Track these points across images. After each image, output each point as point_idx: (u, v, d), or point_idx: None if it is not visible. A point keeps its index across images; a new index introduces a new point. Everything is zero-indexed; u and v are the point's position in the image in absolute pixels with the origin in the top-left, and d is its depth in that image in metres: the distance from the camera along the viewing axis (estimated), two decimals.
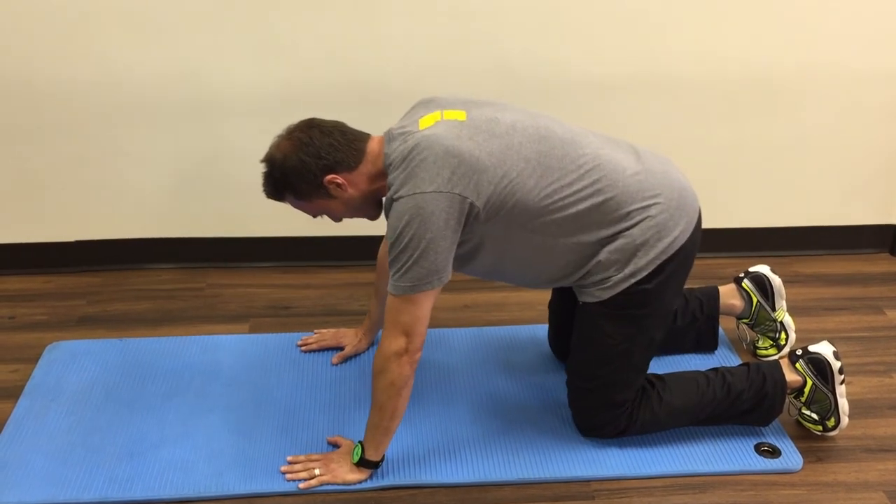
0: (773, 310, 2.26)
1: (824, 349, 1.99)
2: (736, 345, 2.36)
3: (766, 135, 2.63)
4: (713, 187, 2.52)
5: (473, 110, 1.78)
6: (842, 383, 1.97)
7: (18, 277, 2.62)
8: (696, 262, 1.93)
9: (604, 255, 1.80)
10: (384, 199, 1.76)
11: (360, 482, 1.86)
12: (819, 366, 1.98)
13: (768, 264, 2.29)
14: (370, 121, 2.47)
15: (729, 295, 2.27)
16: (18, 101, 2.39)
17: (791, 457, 1.97)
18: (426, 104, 1.85)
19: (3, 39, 2.30)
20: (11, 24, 2.28)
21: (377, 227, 2.62)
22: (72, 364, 2.21)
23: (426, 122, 1.75)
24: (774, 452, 1.98)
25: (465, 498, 1.86)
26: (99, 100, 2.41)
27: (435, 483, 1.89)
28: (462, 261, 1.80)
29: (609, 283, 1.82)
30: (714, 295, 2.26)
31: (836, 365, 1.97)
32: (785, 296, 2.27)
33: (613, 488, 1.90)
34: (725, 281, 2.31)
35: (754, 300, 2.26)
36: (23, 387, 2.13)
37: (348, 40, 2.38)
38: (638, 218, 1.79)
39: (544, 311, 2.35)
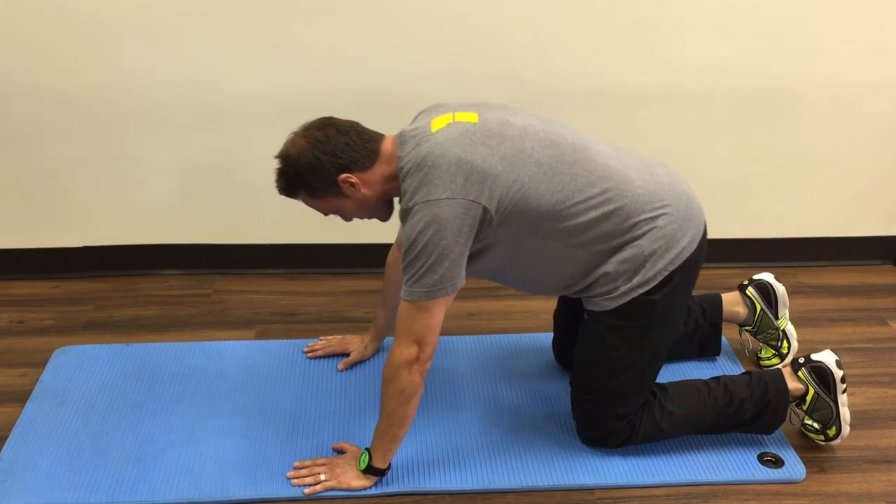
0: (777, 318, 2.27)
1: (827, 358, 1.99)
2: (738, 353, 2.36)
3: (771, 146, 2.64)
4: (718, 198, 2.53)
5: (485, 112, 1.77)
6: (844, 392, 1.97)
7: (27, 282, 2.63)
8: (701, 272, 1.93)
9: (611, 265, 1.80)
10: (399, 207, 1.76)
11: (364, 489, 1.87)
12: (821, 374, 1.98)
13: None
14: (378, 127, 2.48)
15: (732, 302, 2.28)
16: (28, 106, 2.41)
17: (794, 467, 1.97)
18: (436, 108, 1.85)
19: (12, 45, 2.32)
20: (21, 30, 2.30)
21: (382, 234, 2.63)
22: (79, 368, 2.23)
23: (438, 123, 1.75)
24: (777, 462, 1.98)
25: None
26: (108, 106, 2.43)
27: (439, 490, 1.90)
28: (468, 260, 1.78)
29: (616, 293, 1.81)
30: (717, 302, 2.26)
31: (838, 374, 1.97)
32: (788, 304, 2.28)
33: (616, 497, 1.90)
34: (730, 290, 2.32)
35: (758, 308, 2.27)
36: (31, 391, 2.14)
37: (356, 49, 2.39)
38: (646, 228, 1.79)
39: (548, 320, 2.36)
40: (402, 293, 1.72)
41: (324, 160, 1.75)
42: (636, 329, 1.86)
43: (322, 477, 1.87)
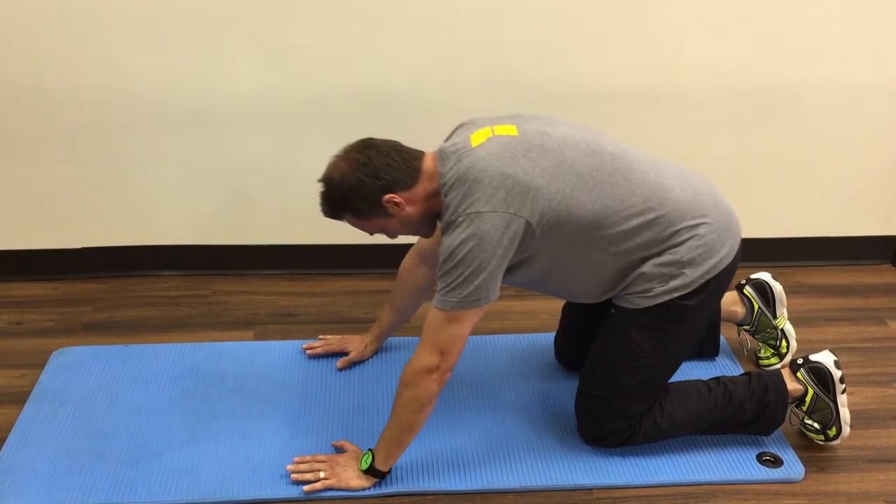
0: (775, 317, 2.27)
1: (825, 358, 2.00)
2: (737, 353, 2.37)
3: (770, 146, 2.64)
4: None
5: (523, 125, 1.78)
6: (843, 392, 1.98)
7: (25, 284, 2.63)
8: None
9: (648, 267, 1.80)
10: (441, 220, 1.77)
11: (363, 489, 1.87)
12: (820, 375, 1.98)
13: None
14: (376, 130, 2.49)
15: (730, 301, 2.29)
16: (26, 107, 2.41)
17: (793, 466, 1.98)
18: (472, 123, 1.85)
19: (11, 46, 2.32)
20: (20, 32, 2.30)
21: (382, 236, 2.63)
22: (78, 370, 2.23)
23: (478, 138, 1.75)
24: (776, 462, 1.99)
25: None
26: (106, 107, 2.43)
27: (438, 490, 1.90)
28: (507, 271, 1.78)
29: (651, 294, 1.82)
30: None
31: (836, 374, 1.97)
32: (786, 303, 2.28)
33: (615, 497, 1.90)
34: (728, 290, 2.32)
35: (755, 307, 2.27)
36: (29, 392, 2.14)
37: (354, 50, 2.40)
38: (686, 236, 1.80)
39: (548, 320, 2.37)
40: (434, 301, 1.72)
41: (367, 182, 1.75)
42: (664, 331, 1.87)
43: (322, 474, 1.87)
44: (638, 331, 1.86)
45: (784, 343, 2.30)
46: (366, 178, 1.75)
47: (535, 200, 1.68)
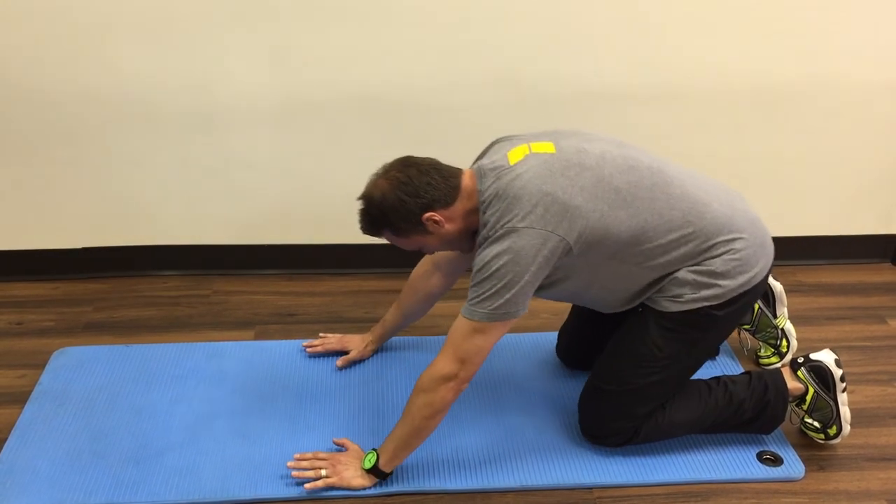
0: (775, 316, 2.28)
1: (826, 357, 2.00)
2: (738, 352, 2.37)
3: (770, 145, 2.64)
4: None
5: (561, 141, 1.79)
6: (843, 391, 1.98)
7: (26, 284, 2.64)
8: None
9: (683, 273, 1.81)
10: (478, 236, 1.78)
11: (364, 489, 1.87)
12: (821, 374, 1.99)
13: (770, 273, 2.30)
14: (376, 130, 2.50)
15: None
16: (27, 107, 2.41)
17: (793, 465, 1.98)
18: (509, 140, 1.87)
19: (13, 47, 2.32)
20: (22, 32, 2.30)
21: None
22: (78, 370, 2.23)
23: (515, 155, 1.76)
24: (776, 461, 1.99)
25: None
26: (107, 107, 2.43)
27: (439, 490, 1.90)
28: (542, 287, 1.79)
29: (682, 299, 1.82)
30: None
31: (837, 373, 1.98)
32: (786, 302, 2.28)
33: (616, 496, 1.91)
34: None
35: (756, 306, 2.27)
36: (30, 392, 2.14)
37: (355, 51, 2.40)
38: (722, 250, 1.81)
39: (549, 320, 2.37)
40: (462, 309, 1.74)
41: (408, 201, 1.76)
42: (687, 336, 1.87)
43: (323, 472, 1.87)
44: (662, 332, 1.87)
45: (784, 342, 2.30)
46: (406, 197, 1.76)
47: (574, 219, 1.69)
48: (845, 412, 1.98)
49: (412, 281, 2.17)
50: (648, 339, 1.87)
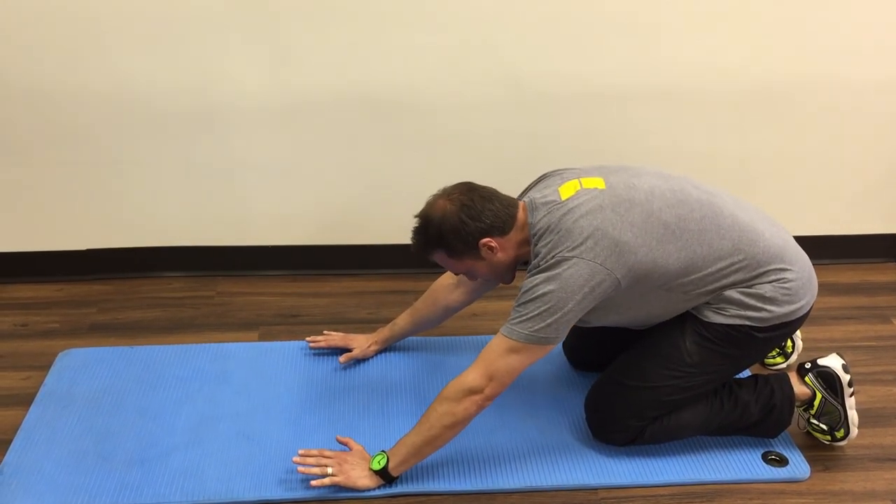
0: None
1: (833, 362, 2.00)
2: None
3: (772, 145, 2.64)
4: None
5: (610, 177, 1.82)
6: (851, 395, 1.98)
7: (30, 285, 2.64)
8: None
9: (731, 292, 1.83)
10: (529, 266, 1.80)
11: (368, 489, 1.87)
12: (828, 379, 1.98)
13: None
14: (377, 130, 2.50)
15: None
16: (28, 109, 2.41)
17: (799, 466, 1.97)
18: (559, 174, 1.89)
19: (15, 48, 2.33)
20: (24, 34, 2.31)
21: (384, 236, 2.64)
22: (83, 371, 2.23)
23: (567, 191, 1.80)
24: (782, 461, 1.98)
25: None
26: (110, 109, 2.43)
27: (443, 491, 1.90)
28: (593, 310, 1.80)
29: (726, 313, 1.84)
30: None
31: (845, 378, 1.97)
32: None
33: (621, 496, 1.90)
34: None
35: None
36: (35, 394, 2.15)
37: (356, 51, 2.39)
38: (773, 277, 1.83)
39: None
40: (502, 328, 1.76)
41: (469, 224, 1.80)
42: (720, 350, 1.88)
43: (329, 470, 1.86)
44: (697, 340, 1.87)
45: (789, 343, 2.29)
46: (468, 220, 1.80)
47: (623, 254, 1.72)
48: (853, 416, 1.98)
49: (434, 290, 2.18)
50: (682, 343, 1.88)
